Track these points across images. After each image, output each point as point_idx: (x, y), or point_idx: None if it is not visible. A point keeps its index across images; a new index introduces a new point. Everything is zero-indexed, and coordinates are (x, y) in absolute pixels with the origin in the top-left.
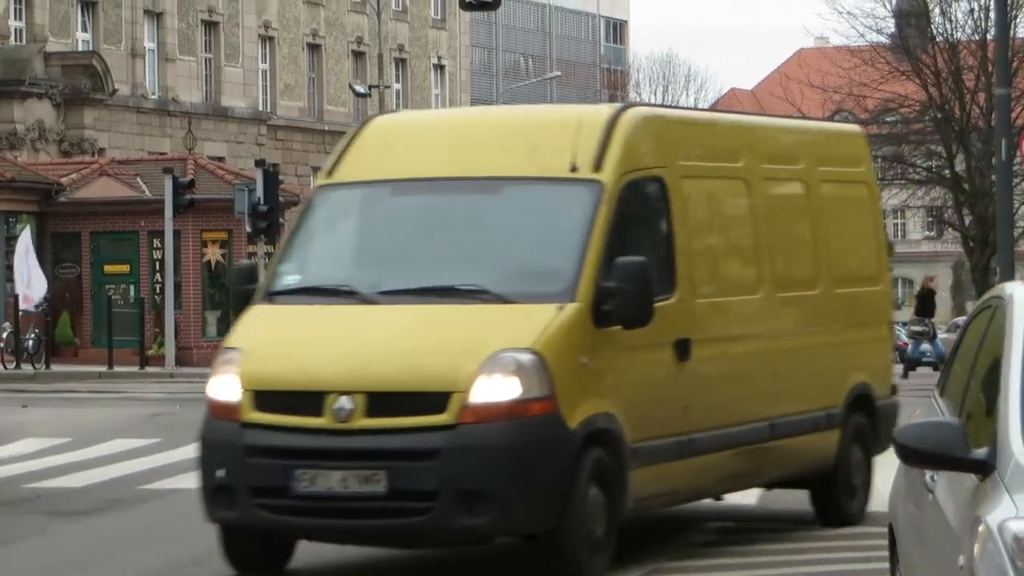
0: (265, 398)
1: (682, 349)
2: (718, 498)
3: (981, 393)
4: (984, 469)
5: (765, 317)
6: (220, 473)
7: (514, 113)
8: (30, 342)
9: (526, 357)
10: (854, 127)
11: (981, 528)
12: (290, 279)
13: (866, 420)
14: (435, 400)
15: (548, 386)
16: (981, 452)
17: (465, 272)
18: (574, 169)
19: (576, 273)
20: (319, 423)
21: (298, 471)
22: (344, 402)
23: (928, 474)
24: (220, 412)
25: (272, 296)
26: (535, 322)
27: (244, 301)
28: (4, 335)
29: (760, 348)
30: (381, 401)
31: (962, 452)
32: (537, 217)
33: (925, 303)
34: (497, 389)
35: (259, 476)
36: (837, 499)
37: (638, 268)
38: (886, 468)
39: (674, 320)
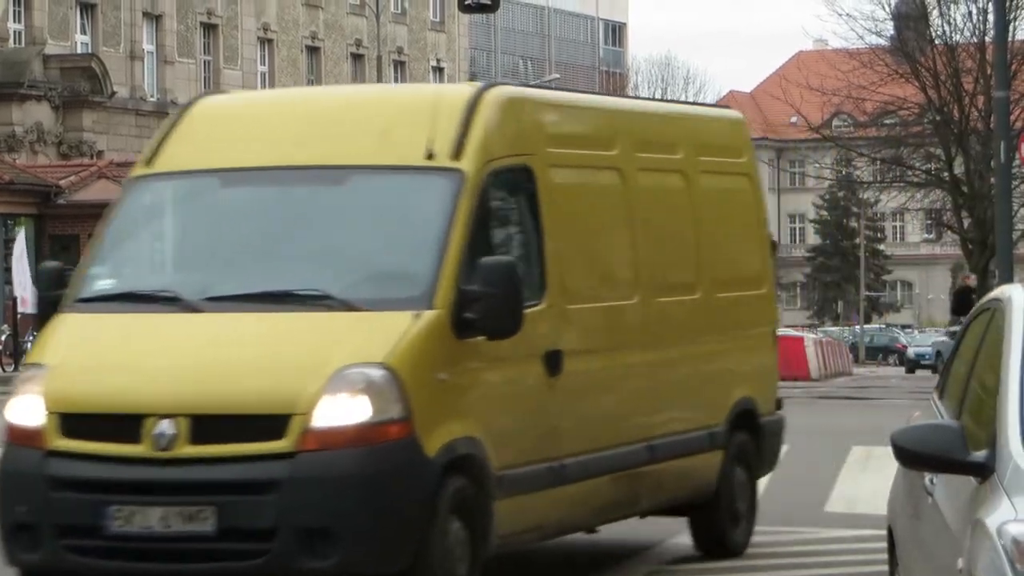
0: (73, 422)
1: (553, 362)
2: (592, 530)
3: (980, 395)
4: (983, 472)
5: (642, 325)
6: (21, 509)
7: (363, 93)
8: (28, 345)
9: (377, 373)
10: (735, 112)
11: (980, 531)
12: (103, 283)
13: (749, 439)
14: (272, 424)
15: (403, 406)
16: (980, 455)
17: (306, 275)
18: (430, 156)
19: (434, 276)
20: (136, 451)
21: (112, 507)
22: (165, 427)
23: (927, 477)
24: (20, 438)
25: (82, 303)
26: (387, 332)
27: (51, 309)
28: (2, 338)
29: (638, 360)
30: (208, 426)
31: (961, 455)
32: (388, 211)
33: (963, 302)
34: (343, 411)
35: (66, 513)
36: (720, 527)
37: (505, 270)
38: (885, 471)
39: (544, 329)
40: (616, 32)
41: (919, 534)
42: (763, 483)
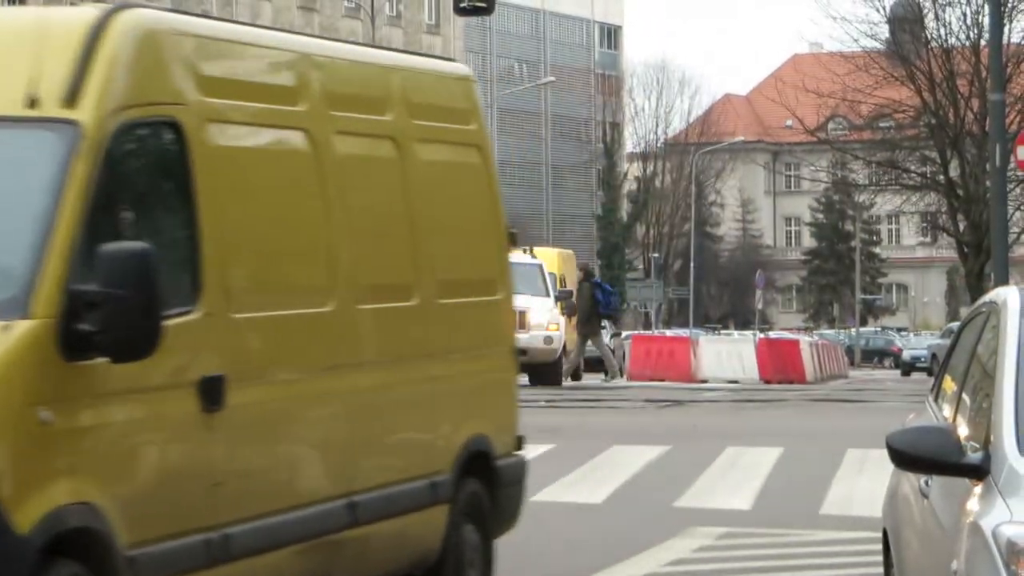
0: None
1: (211, 393)
2: None
3: (975, 398)
4: (978, 474)
5: (340, 341)
6: None
7: None
8: None
9: None
10: (461, 67)
11: (975, 533)
12: None
13: (483, 489)
14: None
15: None
16: (975, 457)
17: None
18: (32, 103)
19: (32, 271)
20: None
21: None
22: None
23: (922, 479)
24: None
25: None
26: None
27: None
28: None
29: (334, 388)
30: None
31: (956, 457)
32: None
33: None
34: None
35: None
36: None
37: (137, 263)
38: (880, 473)
39: (198, 347)
40: (611, 35)
41: (914, 536)
42: (759, 486)
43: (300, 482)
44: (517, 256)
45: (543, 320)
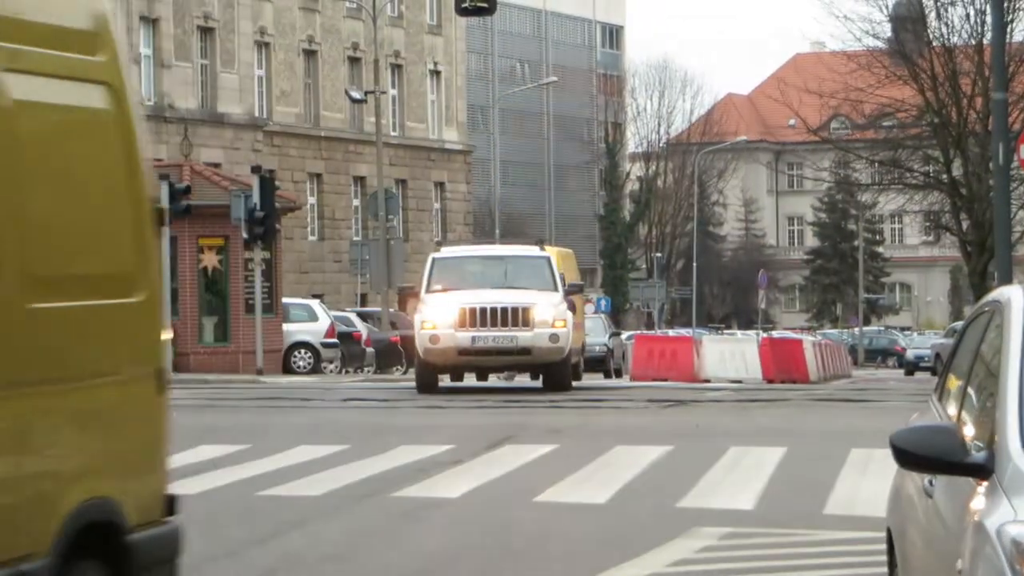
0: None
1: None
2: None
3: (979, 397)
4: (982, 473)
5: None
6: None
7: None
8: None
9: None
10: None
11: (979, 532)
12: None
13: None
14: None
15: None
16: (979, 456)
17: None
18: None
19: None
20: None
21: None
22: None
23: (926, 478)
24: None
25: None
26: None
27: None
28: None
29: None
30: None
31: (960, 456)
32: None
33: None
34: None
35: None
36: None
37: None
38: (884, 473)
39: None
40: (613, 35)
41: (918, 536)
42: (762, 486)
43: None
44: (525, 249)
45: (548, 316)
